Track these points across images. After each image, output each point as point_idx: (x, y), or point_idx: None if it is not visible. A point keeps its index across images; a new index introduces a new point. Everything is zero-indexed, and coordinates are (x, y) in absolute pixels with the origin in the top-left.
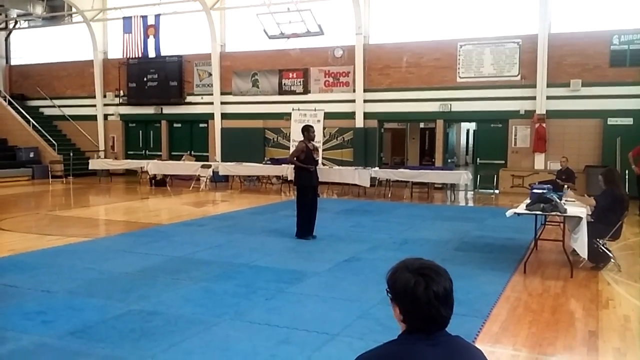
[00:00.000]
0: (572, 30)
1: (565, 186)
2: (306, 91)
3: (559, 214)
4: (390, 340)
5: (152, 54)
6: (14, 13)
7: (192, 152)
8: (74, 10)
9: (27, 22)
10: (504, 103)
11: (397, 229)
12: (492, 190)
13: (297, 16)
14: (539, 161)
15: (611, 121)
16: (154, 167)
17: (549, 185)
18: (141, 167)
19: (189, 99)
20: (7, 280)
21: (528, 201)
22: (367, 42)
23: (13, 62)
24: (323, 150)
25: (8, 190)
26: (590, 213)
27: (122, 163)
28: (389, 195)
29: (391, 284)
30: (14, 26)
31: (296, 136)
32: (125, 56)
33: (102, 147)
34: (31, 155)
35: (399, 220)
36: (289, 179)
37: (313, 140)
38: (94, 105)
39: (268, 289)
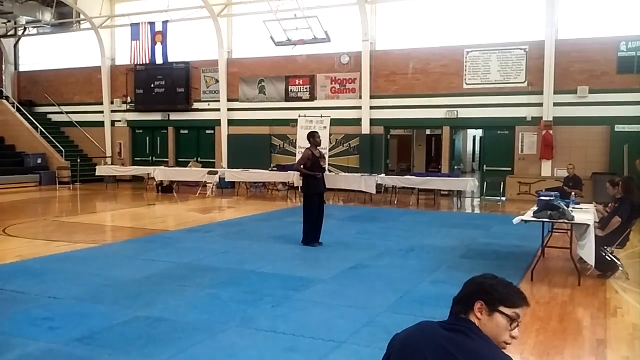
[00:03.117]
0: (579, 36)
1: (573, 193)
2: (312, 97)
3: (566, 221)
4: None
5: (159, 60)
6: (22, 20)
7: (199, 159)
8: (82, 17)
9: (35, 28)
10: (510, 109)
11: (404, 235)
12: (498, 197)
13: (304, 23)
14: (546, 168)
15: (618, 128)
16: (161, 173)
17: (556, 192)
18: (148, 174)
19: (195, 105)
20: (14, 286)
21: (535, 208)
22: (373, 48)
23: (21, 69)
24: (329, 156)
25: (15, 196)
26: (597, 220)
27: (128, 169)
28: (395, 202)
29: None
30: (23, 33)
31: (302, 142)
32: (132, 62)
33: (109, 153)
34: (38, 161)
35: (405, 227)
36: (295, 185)
37: (319, 146)
38: (101, 112)
39: (274, 296)
